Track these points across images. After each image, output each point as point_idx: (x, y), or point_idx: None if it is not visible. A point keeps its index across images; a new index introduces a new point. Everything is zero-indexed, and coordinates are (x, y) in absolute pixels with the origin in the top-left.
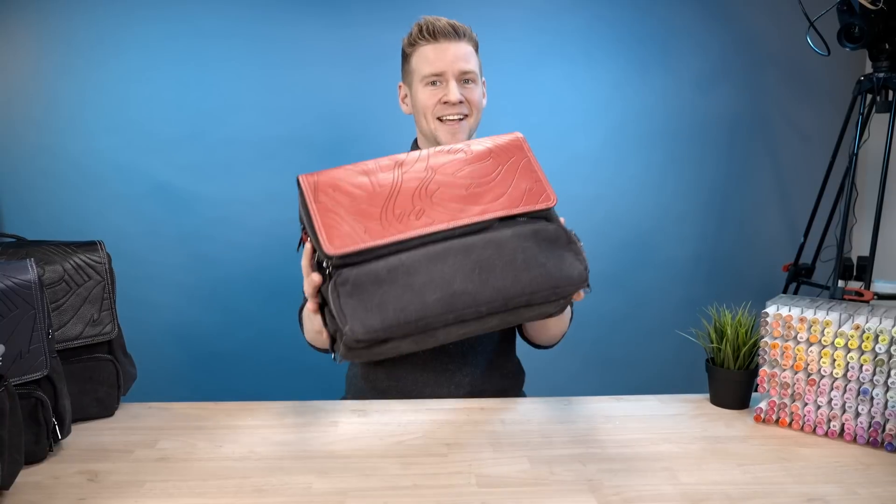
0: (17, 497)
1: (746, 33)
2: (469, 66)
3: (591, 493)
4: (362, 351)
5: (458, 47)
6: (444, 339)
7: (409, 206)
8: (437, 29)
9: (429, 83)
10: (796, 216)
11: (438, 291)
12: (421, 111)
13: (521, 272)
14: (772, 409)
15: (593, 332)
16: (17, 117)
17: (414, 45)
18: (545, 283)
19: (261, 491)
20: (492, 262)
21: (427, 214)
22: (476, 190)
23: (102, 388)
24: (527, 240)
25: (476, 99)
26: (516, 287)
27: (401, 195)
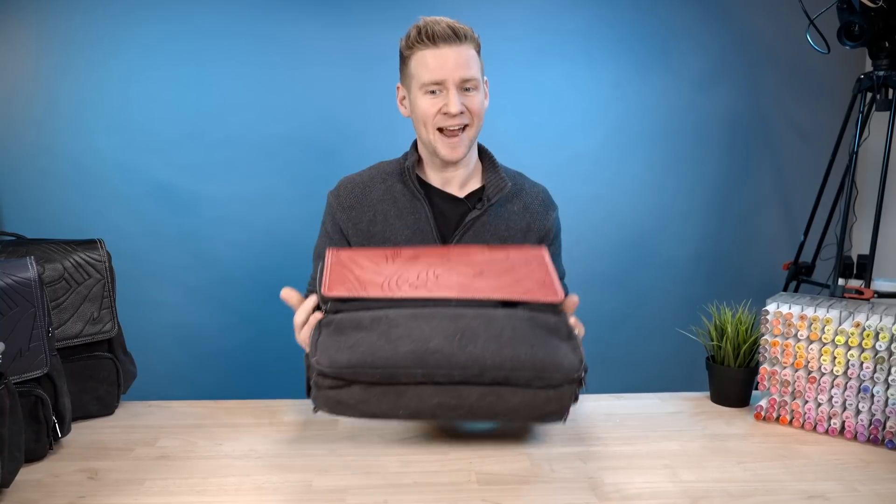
0: (18, 495)
1: (746, 32)
2: (470, 73)
3: (592, 490)
4: (329, 392)
5: (458, 52)
6: (416, 404)
7: (413, 280)
8: (437, 33)
9: (428, 91)
10: (796, 215)
11: (412, 345)
12: (420, 120)
13: (505, 346)
14: (772, 407)
15: (594, 332)
16: (17, 117)
17: (412, 48)
18: (528, 363)
19: (261, 489)
20: (476, 331)
21: (427, 288)
22: (483, 274)
23: (102, 386)
24: (521, 321)
25: (477, 107)
26: (496, 359)
27: (409, 271)
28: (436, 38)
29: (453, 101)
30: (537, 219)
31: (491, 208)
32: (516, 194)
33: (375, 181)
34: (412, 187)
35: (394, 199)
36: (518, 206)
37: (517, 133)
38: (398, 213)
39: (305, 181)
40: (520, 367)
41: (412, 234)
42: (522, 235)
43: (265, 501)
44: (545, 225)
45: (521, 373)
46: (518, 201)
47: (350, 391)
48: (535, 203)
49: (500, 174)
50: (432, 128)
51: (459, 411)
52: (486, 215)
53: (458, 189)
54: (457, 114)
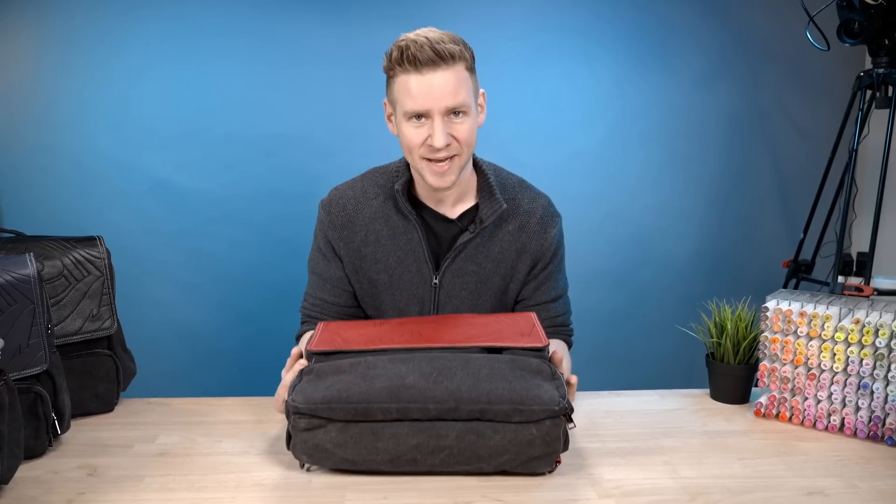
0: (17, 491)
1: (745, 30)
2: (457, 101)
3: (592, 487)
4: (306, 435)
5: (444, 78)
6: (393, 446)
7: (397, 337)
8: (419, 59)
9: (412, 118)
10: (796, 212)
11: (387, 381)
12: (406, 147)
13: (482, 381)
14: (772, 404)
15: (594, 329)
16: (17, 115)
17: (394, 69)
18: (506, 396)
19: (261, 486)
20: (453, 370)
21: (408, 342)
22: (468, 326)
23: (102, 383)
24: (501, 363)
25: (465, 135)
26: (471, 392)
27: (394, 331)
28: (418, 64)
29: (438, 135)
30: (533, 239)
31: (484, 230)
32: (512, 213)
33: (368, 196)
34: (404, 210)
35: (386, 217)
36: (514, 225)
37: (516, 132)
38: (390, 232)
39: (305, 179)
40: (496, 401)
41: (404, 255)
42: (516, 255)
43: (265, 498)
44: (541, 245)
45: (498, 406)
46: (514, 221)
47: (326, 432)
48: (532, 222)
49: (494, 195)
50: (418, 158)
51: (440, 455)
52: (480, 237)
53: (450, 208)
54: (441, 147)
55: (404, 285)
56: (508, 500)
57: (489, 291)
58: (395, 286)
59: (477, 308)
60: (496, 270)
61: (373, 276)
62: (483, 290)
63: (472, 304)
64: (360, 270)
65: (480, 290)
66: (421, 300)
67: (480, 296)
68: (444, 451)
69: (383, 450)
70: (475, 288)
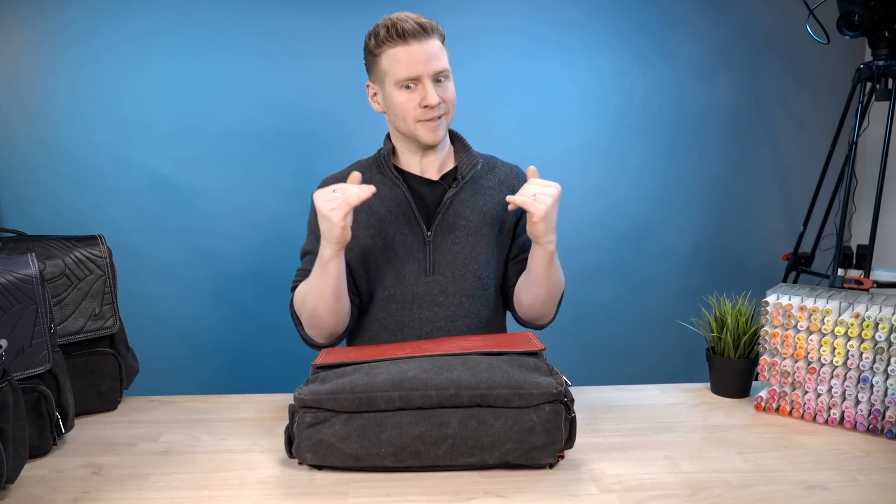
0: (23, 490)
1: (745, 22)
2: (442, 65)
3: (593, 482)
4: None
5: (428, 46)
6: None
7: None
8: (406, 30)
9: (404, 86)
10: (796, 205)
11: (390, 375)
12: (399, 114)
13: (481, 372)
14: (772, 398)
15: (593, 323)
16: (12, 111)
17: (381, 45)
18: (504, 382)
19: (264, 483)
20: (453, 366)
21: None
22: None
23: (105, 382)
24: (499, 360)
25: (451, 96)
26: (471, 380)
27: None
28: (405, 35)
29: (430, 94)
30: (514, 190)
31: (467, 185)
32: (489, 170)
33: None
34: (390, 175)
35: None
36: (493, 181)
37: (516, 124)
38: (379, 199)
39: (304, 174)
40: (495, 386)
41: (395, 218)
42: (501, 208)
43: (269, 495)
44: None
45: (498, 391)
46: (492, 177)
47: (331, 426)
48: (510, 177)
49: (470, 153)
50: (412, 120)
51: (443, 445)
52: (463, 192)
53: (434, 173)
54: (435, 105)
55: (398, 246)
56: (510, 496)
57: (481, 244)
58: (389, 248)
59: (471, 262)
60: (484, 221)
61: (367, 242)
62: (475, 242)
63: (466, 258)
64: (355, 239)
65: (472, 244)
66: (416, 259)
67: (473, 249)
68: (447, 440)
69: (387, 441)
70: (467, 241)
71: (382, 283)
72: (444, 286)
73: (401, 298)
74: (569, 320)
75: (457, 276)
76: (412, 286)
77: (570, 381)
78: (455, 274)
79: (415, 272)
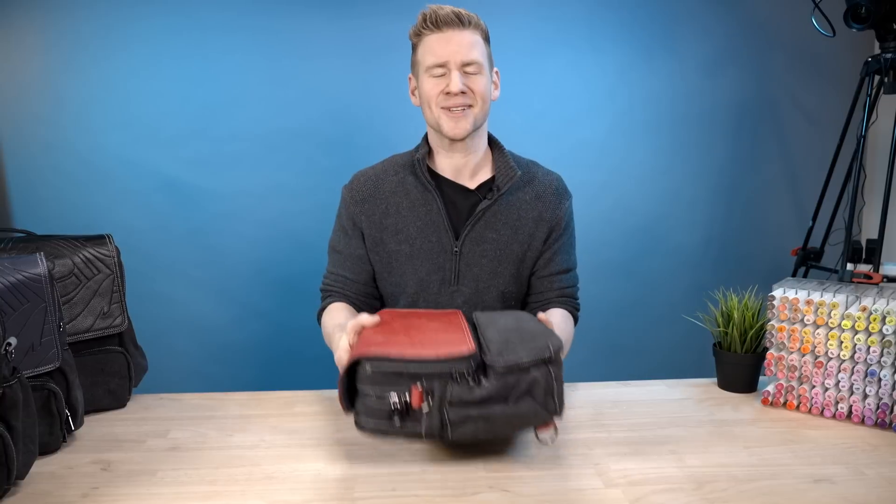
0: (33, 486)
1: (752, 16)
2: (472, 56)
3: (598, 476)
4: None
5: (462, 36)
6: None
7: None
8: (441, 18)
9: (432, 74)
10: (804, 200)
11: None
12: (426, 101)
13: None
14: (779, 392)
15: (602, 319)
16: (23, 114)
17: (419, 35)
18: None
19: (271, 478)
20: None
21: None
22: None
23: (114, 379)
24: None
25: (481, 88)
26: None
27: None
28: (440, 23)
29: (454, 81)
30: (549, 208)
31: (501, 198)
32: (527, 183)
33: (388, 174)
34: (423, 179)
35: (406, 191)
36: (530, 194)
37: (522, 122)
38: (410, 204)
39: (312, 174)
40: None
41: (424, 225)
42: (534, 224)
43: (275, 490)
44: (556, 214)
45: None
46: (530, 190)
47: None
48: (548, 192)
49: (509, 163)
50: (437, 108)
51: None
52: (497, 205)
53: (469, 179)
54: (457, 92)
55: (425, 255)
56: (515, 491)
57: (508, 259)
58: (415, 256)
59: (496, 277)
60: (514, 237)
61: (394, 248)
62: (502, 257)
63: (492, 272)
64: (381, 243)
65: (500, 258)
66: (442, 269)
67: (500, 263)
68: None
69: None
70: (494, 255)
71: (406, 290)
72: (466, 297)
73: (423, 306)
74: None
75: (480, 289)
76: (435, 295)
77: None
78: (479, 286)
79: (438, 281)
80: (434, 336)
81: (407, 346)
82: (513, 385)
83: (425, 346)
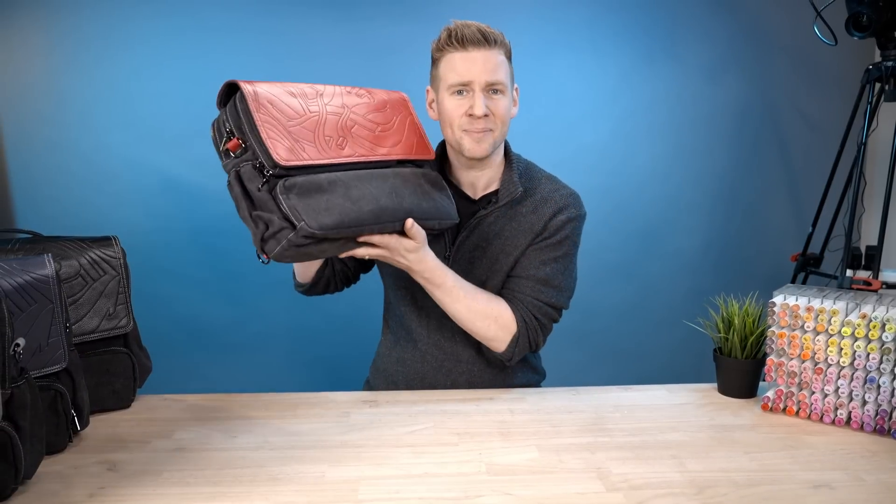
0: (39, 486)
1: (754, 22)
2: (497, 77)
3: (600, 480)
4: (299, 249)
5: (487, 56)
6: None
7: (334, 135)
8: (466, 36)
9: (455, 92)
10: (805, 206)
11: (371, 204)
12: (447, 121)
13: (421, 199)
14: (779, 398)
15: (602, 323)
16: (27, 114)
17: (442, 50)
18: (435, 213)
19: (275, 480)
20: (400, 189)
21: (349, 146)
22: (381, 133)
23: (119, 380)
24: (419, 177)
25: (502, 112)
26: (418, 210)
27: (327, 124)
28: (465, 42)
29: (478, 103)
30: (540, 219)
31: (500, 209)
32: (528, 197)
33: None
34: None
35: None
36: (528, 207)
37: (524, 125)
38: None
39: None
40: (430, 217)
41: None
42: (522, 236)
43: (279, 492)
44: (545, 223)
45: (430, 221)
46: (529, 204)
47: (316, 247)
48: (545, 206)
49: (513, 178)
50: (458, 129)
51: None
52: (494, 216)
53: (480, 191)
54: (481, 116)
55: None
56: (517, 494)
57: (498, 269)
58: None
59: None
60: (505, 250)
61: None
62: (493, 267)
63: (478, 282)
64: None
65: (490, 268)
66: None
67: (490, 273)
68: None
69: (350, 248)
70: (485, 266)
71: (402, 284)
72: None
73: (419, 303)
74: (577, 321)
75: None
76: (425, 295)
77: None
78: None
79: None
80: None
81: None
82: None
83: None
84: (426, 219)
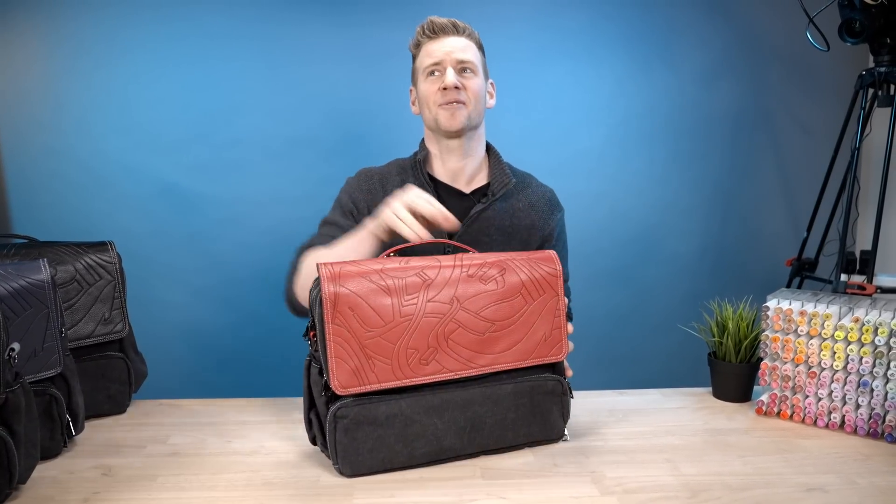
0: (34, 491)
1: (748, 29)
2: (466, 56)
3: (594, 484)
4: None
5: (457, 40)
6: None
7: (421, 347)
8: (437, 26)
9: (429, 74)
10: (799, 211)
11: (427, 446)
12: (424, 102)
13: (507, 431)
14: (773, 402)
15: (598, 328)
16: (24, 119)
17: (418, 45)
18: (523, 440)
19: (270, 484)
20: (483, 419)
21: (437, 361)
22: (493, 335)
23: (114, 385)
24: (523, 397)
25: (475, 88)
26: (498, 444)
27: (417, 332)
28: (437, 31)
29: (449, 76)
30: (542, 217)
31: (496, 203)
32: (521, 190)
33: (392, 174)
34: (422, 181)
35: None
36: (523, 202)
37: (520, 131)
38: None
39: (312, 182)
40: (515, 444)
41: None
42: (526, 232)
43: (274, 497)
44: (549, 225)
45: (516, 447)
46: (523, 198)
47: None
48: (541, 202)
49: (504, 170)
50: (434, 105)
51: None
52: (491, 209)
53: (465, 185)
54: (451, 87)
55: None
56: (512, 498)
57: None
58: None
59: None
60: (507, 243)
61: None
62: None
63: None
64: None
65: None
66: None
67: None
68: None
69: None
70: None
71: None
72: None
73: None
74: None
75: None
76: None
77: (571, 387)
78: None
79: None
80: None
81: None
82: None
83: None
84: (511, 446)
